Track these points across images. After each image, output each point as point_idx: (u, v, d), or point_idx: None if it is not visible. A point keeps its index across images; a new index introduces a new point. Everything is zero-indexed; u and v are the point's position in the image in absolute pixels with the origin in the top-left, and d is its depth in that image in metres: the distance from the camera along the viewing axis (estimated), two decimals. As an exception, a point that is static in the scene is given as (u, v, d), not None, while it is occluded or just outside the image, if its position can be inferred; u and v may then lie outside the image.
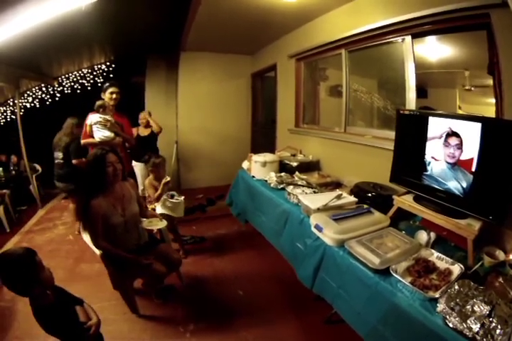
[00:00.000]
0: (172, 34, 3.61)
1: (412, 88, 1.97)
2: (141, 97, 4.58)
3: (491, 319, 0.91)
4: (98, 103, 2.45)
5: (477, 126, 1.24)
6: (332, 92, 3.19)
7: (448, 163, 1.43)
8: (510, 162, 1.15)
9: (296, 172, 2.65)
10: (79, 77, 5.05)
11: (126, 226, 1.69)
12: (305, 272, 1.75)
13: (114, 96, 2.60)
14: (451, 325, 0.93)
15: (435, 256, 1.33)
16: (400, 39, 2.02)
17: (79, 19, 2.43)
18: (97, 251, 1.71)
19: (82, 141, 2.54)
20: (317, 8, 2.49)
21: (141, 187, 2.91)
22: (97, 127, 2.41)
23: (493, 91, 1.44)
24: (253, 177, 2.78)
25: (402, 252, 1.36)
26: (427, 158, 1.54)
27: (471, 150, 1.30)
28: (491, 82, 1.62)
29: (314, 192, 2.19)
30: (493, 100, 1.73)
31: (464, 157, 1.34)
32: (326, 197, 1.93)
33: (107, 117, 2.43)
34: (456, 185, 1.40)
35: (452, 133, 1.37)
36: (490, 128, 1.22)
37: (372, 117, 2.72)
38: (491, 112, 1.54)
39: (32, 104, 5.25)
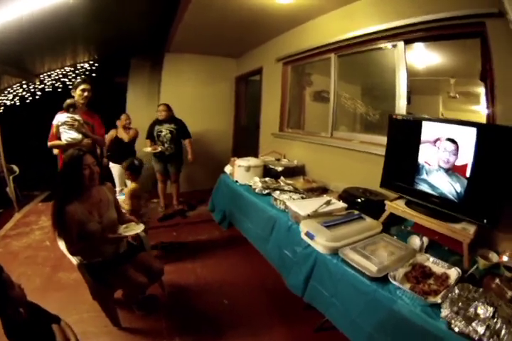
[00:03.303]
0: (158, 34, 3.59)
1: (403, 95, 2.05)
2: (122, 98, 4.56)
3: (495, 320, 0.95)
4: (68, 101, 2.35)
5: (472, 132, 1.31)
6: (316, 98, 3.29)
7: (442, 168, 1.50)
8: (505, 167, 1.22)
9: (281, 177, 2.67)
10: (61, 75, 4.95)
11: (104, 233, 1.61)
12: (295, 280, 1.75)
13: (85, 93, 2.49)
14: (457, 330, 0.96)
15: (431, 261, 1.38)
16: (392, 45, 2.09)
17: (64, 14, 2.41)
18: (74, 261, 1.64)
19: (48, 144, 2.42)
20: (309, 11, 2.55)
21: (118, 188, 2.83)
22: (64, 128, 2.30)
23: (485, 97, 1.54)
24: (236, 182, 2.77)
25: (398, 259, 1.39)
26: (421, 162, 1.60)
27: (466, 155, 1.37)
28: (476, 89, 1.75)
29: (302, 197, 2.21)
30: (476, 107, 1.87)
31: (458, 163, 1.42)
32: (314, 203, 1.95)
33: (75, 117, 2.33)
34: (450, 189, 1.47)
35: (447, 139, 1.45)
36: (485, 134, 1.29)
37: (356, 123, 2.82)
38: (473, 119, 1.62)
39: (12, 102, 5.07)
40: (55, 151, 2.56)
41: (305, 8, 2.46)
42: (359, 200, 1.99)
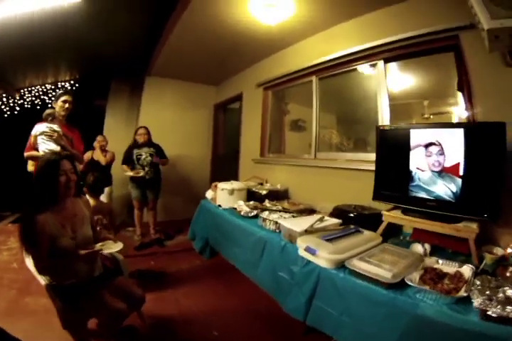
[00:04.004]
0: (141, 56, 3.77)
1: (386, 120, 2.22)
2: (100, 122, 4.58)
3: (527, 300, 0.98)
4: (48, 111, 2.33)
5: (459, 132, 1.46)
6: (292, 127, 3.50)
7: (434, 171, 1.60)
8: (495, 160, 1.36)
9: (266, 200, 2.64)
10: (41, 92, 5.03)
11: (76, 250, 1.44)
12: (295, 303, 1.63)
13: (66, 105, 2.47)
14: (494, 315, 0.96)
15: (440, 263, 1.39)
16: (373, 64, 2.32)
17: (49, 26, 2.52)
18: (42, 281, 1.50)
19: (25, 154, 2.33)
20: (291, 35, 2.80)
21: None
22: (42, 138, 2.23)
23: (465, 105, 1.76)
24: (219, 206, 2.69)
25: (408, 264, 1.39)
26: (412, 169, 1.70)
27: (455, 155, 1.50)
28: (448, 109, 2.00)
29: (293, 216, 2.18)
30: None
31: (448, 163, 1.54)
32: (307, 221, 1.92)
33: (55, 127, 2.27)
34: (446, 190, 1.55)
35: (433, 143, 1.59)
36: (472, 132, 1.45)
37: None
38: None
39: None
40: (30, 168, 2.45)
41: (288, 32, 2.70)
42: (352, 215, 2.01)
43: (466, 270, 1.29)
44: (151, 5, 2.55)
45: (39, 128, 2.28)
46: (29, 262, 1.48)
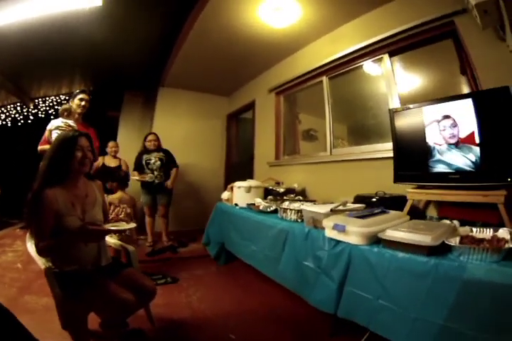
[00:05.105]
0: (155, 66, 3.92)
1: None
2: (113, 133, 4.67)
3: None
4: (63, 107, 2.40)
5: (468, 102, 1.52)
6: (305, 137, 3.57)
7: (450, 144, 1.63)
8: (508, 123, 1.39)
9: (285, 197, 2.62)
10: (55, 103, 5.19)
11: (84, 225, 1.37)
12: (323, 293, 1.54)
13: (83, 103, 2.54)
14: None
15: (475, 231, 1.35)
16: (378, 58, 2.43)
17: (66, 37, 2.71)
18: (42, 264, 1.40)
19: (39, 148, 2.35)
20: (299, 39, 2.94)
21: None
22: (57, 133, 2.25)
23: (469, 87, 1.84)
24: (236, 205, 2.68)
25: (442, 232, 1.32)
26: (431, 144, 1.72)
27: (468, 125, 1.54)
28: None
29: (314, 204, 2.14)
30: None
31: (463, 134, 1.57)
32: (330, 206, 1.86)
33: (69, 122, 2.33)
34: (465, 161, 1.57)
35: (444, 117, 1.64)
36: (480, 100, 1.50)
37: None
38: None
39: (3, 122, 5.32)
40: None
41: (296, 35, 2.84)
42: (374, 200, 1.99)
43: (503, 233, 1.24)
44: (164, 15, 2.69)
45: (54, 123, 2.34)
46: (30, 245, 1.44)
